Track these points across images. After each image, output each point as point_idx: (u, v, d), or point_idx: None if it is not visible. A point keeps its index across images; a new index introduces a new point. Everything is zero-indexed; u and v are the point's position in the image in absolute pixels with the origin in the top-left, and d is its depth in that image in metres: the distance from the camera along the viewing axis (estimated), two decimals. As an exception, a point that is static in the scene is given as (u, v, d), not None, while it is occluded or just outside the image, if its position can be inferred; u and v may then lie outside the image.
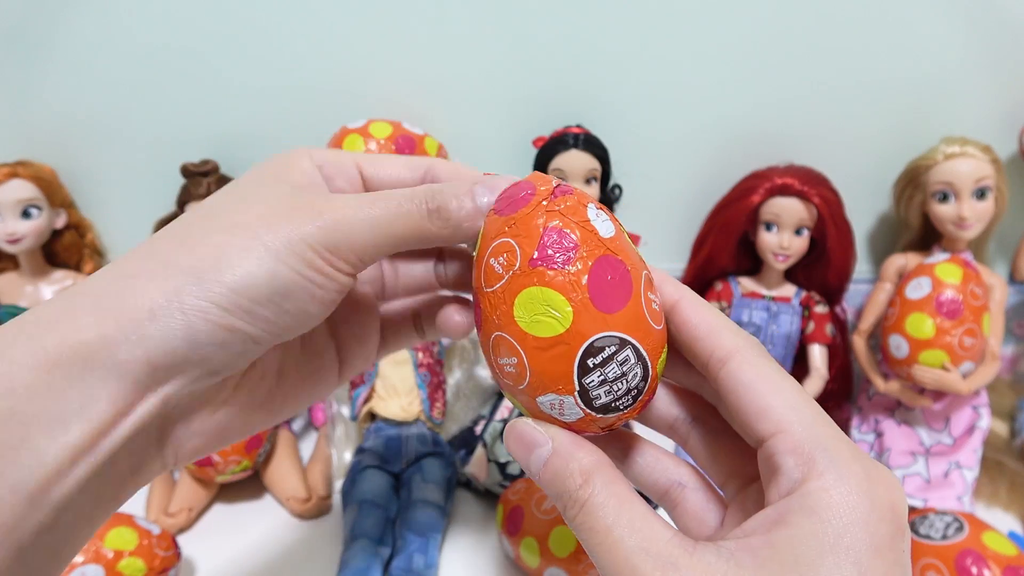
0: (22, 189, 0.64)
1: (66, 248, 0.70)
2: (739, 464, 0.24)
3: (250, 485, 0.64)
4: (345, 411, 0.66)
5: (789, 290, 0.68)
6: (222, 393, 0.26)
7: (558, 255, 0.22)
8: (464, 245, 0.30)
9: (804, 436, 0.20)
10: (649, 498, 0.26)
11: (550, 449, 0.22)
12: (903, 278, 0.63)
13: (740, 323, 0.67)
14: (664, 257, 0.73)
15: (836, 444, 0.20)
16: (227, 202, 0.24)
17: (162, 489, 0.62)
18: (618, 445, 0.26)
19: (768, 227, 0.64)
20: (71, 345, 0.20)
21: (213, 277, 0.22)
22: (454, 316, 0.29)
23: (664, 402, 0.27)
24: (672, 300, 0.24)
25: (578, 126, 0.64)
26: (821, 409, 0.21)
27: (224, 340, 0.22)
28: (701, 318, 0.23)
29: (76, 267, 0.71)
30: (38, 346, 0.20)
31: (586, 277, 0.22)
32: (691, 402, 0.26)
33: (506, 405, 0.66)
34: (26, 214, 0.65)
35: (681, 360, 0.25)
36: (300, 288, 0.23)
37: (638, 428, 0.48)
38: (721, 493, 0.25)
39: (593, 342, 0.21)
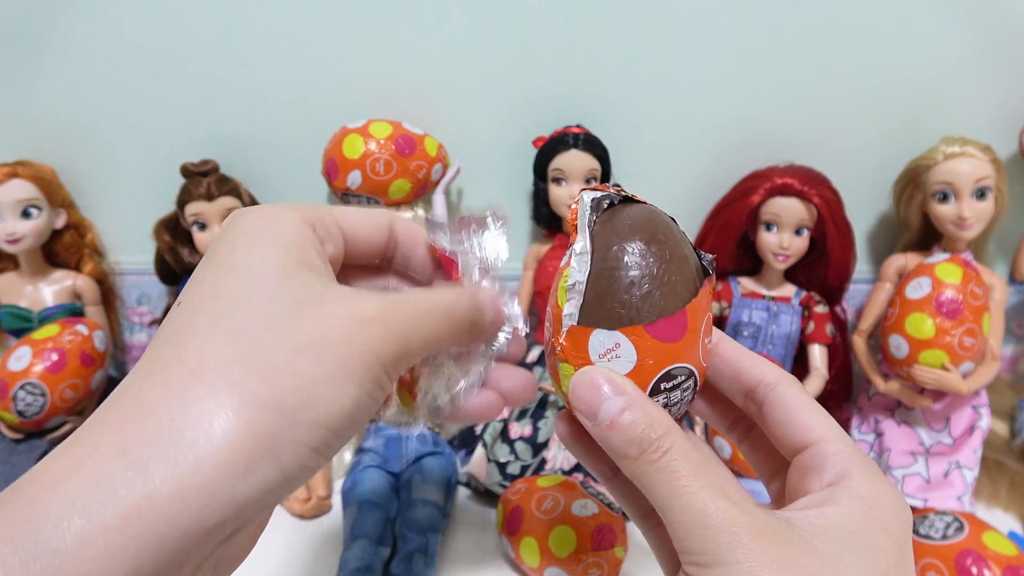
0: (22, 189, 0.64)
1: (66, 248, 0.70)
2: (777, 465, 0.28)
3: (250, 485, 0.63)
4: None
5: (789, 290, 0.68)
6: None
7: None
8: None
9: (843, 446, 0.24)
10: None
11: (628, 401, 0.23)
12: (903, 278, 0.63)
13: (740, 323, 0.67)
14: (664, 257, 0.73)
15: (865, 456, 0.24)
16: (274, 304, 0.20)
17: None
18: None
19: (768, 227, 0.64)
20: (145, 523, 0.17)
21: (305, 417, 0.19)
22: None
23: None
24: (715, 340, 0.28)
25: (578, 126, 0.64)
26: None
27: (303, 480, 0.20)
28: (743, 353, 0.27)
29: (76, 267, 0.71)
30: (95, 524, 0.16)
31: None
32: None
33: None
34: (26, 214, 0.65)
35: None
36: (367, 411, 0.21)
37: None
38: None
39: (669, 370, 0.24)
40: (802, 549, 0.21)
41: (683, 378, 0.24)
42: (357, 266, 0.27)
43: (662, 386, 0.24)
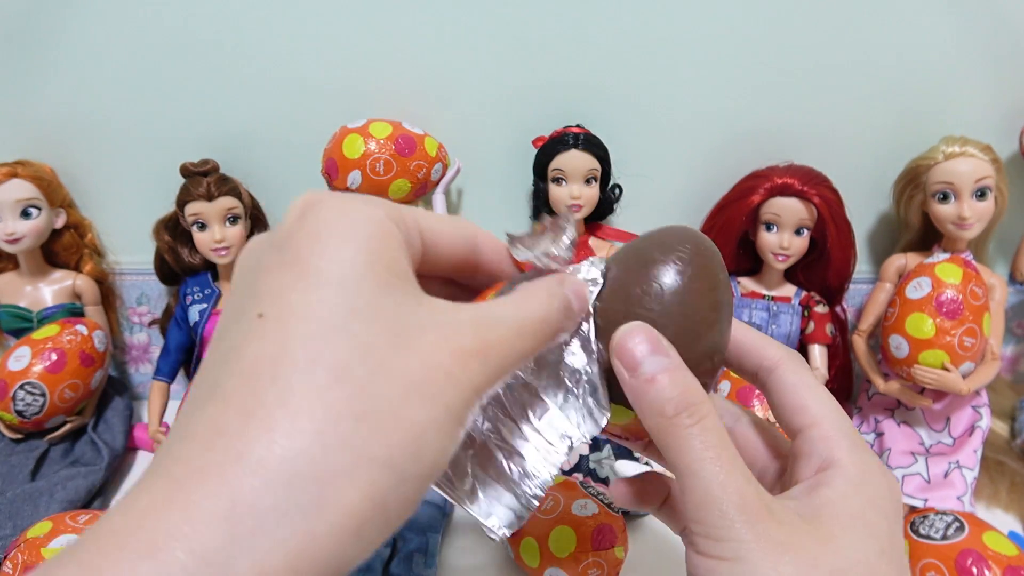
0: (22, 189, 0.64)
1: (66, 248, 0.70)
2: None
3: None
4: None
5: (789, 290, 0.68)
6: None
7: None
8: None
9: (833, 428, 0.24)
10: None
11: (672, 363, 0.23)
12: (903, 278, 0.63)
13: (740, 323, 0.67)
14: (664, 257, 0.73)
15: (857, 437, 0.25)
16: (374, 330, 0.18)
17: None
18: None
19: (768, 227, 0.64)
20: None
21: (414, 471, 0.18)
22: None
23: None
24: None
25: (578, 126, 0.64)
26: (844, 411, 0.26)
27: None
28: (745, 336, 0.27)
29: (76, 267, 0.71)
30: None
31: None
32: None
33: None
34: (26, 214, 0.64)
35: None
36: (458, 445, 0.20)
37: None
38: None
39: None
40: (804, 531, 0.22)
41: None
42: (426, 277, 0.24)
43: None
